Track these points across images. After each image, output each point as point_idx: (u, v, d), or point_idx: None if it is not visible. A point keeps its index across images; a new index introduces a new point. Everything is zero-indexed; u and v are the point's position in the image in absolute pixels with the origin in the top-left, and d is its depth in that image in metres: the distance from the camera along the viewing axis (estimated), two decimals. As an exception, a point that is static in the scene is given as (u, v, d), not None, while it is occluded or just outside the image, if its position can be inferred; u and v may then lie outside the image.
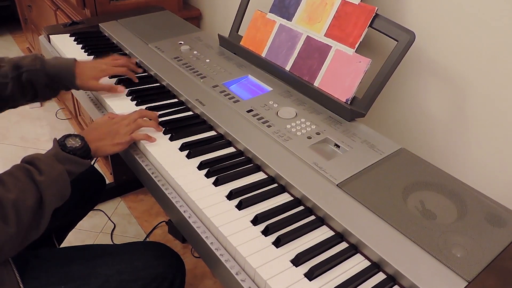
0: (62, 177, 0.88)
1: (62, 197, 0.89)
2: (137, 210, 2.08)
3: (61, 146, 0.92)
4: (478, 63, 1.12)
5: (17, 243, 0.80)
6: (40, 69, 1.16)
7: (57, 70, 1.19)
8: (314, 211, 0.91)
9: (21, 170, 0.84)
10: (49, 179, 0.84)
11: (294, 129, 1.10)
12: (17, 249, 0.82)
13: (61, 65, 1.21)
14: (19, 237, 0.80)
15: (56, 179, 0.86)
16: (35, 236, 0.83)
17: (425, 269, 0.75)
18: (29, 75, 1.15)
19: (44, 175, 0.84)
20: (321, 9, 1.25)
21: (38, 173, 0.84)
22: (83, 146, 0.94)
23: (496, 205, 0.89)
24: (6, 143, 2.51)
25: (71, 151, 0.92)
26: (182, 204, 0.93)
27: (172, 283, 1.01)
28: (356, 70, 1.14)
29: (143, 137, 1.07)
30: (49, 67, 1.18)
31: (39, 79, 1.16)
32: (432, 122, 1.28)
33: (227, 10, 2.00)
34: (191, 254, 1.85)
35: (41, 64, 1.16)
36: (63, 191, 0.89)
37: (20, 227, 0.79)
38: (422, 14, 1.21)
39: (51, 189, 0.84)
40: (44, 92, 1.20)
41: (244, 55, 1.45)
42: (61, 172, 0.87)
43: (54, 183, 0.85)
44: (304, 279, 0.76)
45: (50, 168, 0.86)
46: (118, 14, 1.83)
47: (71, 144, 0.93)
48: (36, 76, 1.16)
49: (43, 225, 0.84)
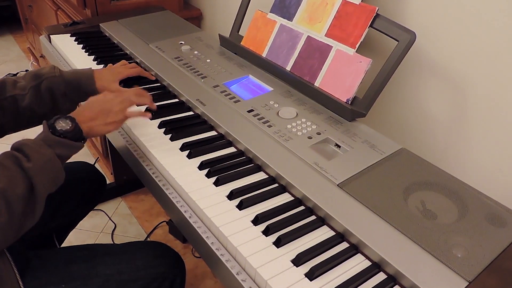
0: (52, 162, 0.85)
1: (55, 182, 0.87)
2: (137, 210, 2.08)
3: (51, 129, 0.89)
4: (478, 63, 1.12)
5: (12, 232, 0.79)
6: (59, 76, 1.14)
7: (77, 77, 1.18)
8: (314, 211, 0.91)
9: (8, 158, 0.82)
10: (37, 165, 0.82)
11: (294, 129, 1.10)
12: (13, 238, 0.80)
13: (80, 72, 1.20)
14: (13, 226, 0.78)
15: (45, 164, 0.83)
16: (31, 224, 0.82)
17: (426, 269, 0.75)
18: (49, 82, 1.12)
19: (33, 161, 0.82)
20: (322, 9, 1.25)
21: (26, 160, 0.82)
22: (74, 128, 0.91)
23: (497, 205, 0.89)
24: (7, 143, 2.50)
25: (62, 134, 0.89)
26: (183, 204, 0.93)
27: (172, 283, 1.01)
28: (357, 70, 1.14)
29: (138, 114, 1.05)
30: (67, 74, 1.17)
31: (58, 87, 1.13)
32: (433, 122, 1.28)
33: (228, 10, 2.00)
34: (192, 254, 1.85)
35: (60, 72, 1.15)
36: (55, 176, 0.86)
37: (12, 216, 0.77)
38: (422, 14, 1.21)
39: (41, 175, 0.82)
40: (63, 102, 1.15)
41: (245, 55, 1.45)
42: (50, 157, 0.85)
43: (44, 168, 0.83)
44: (304, 279, 0.76)
45: (38, 153, 0.83)
46: (119, 14, 1.83)
47: (61, 126, 0.90)
48: (56, 83, 1.13)
49: (38, 211, 0.82)
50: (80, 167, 1.37)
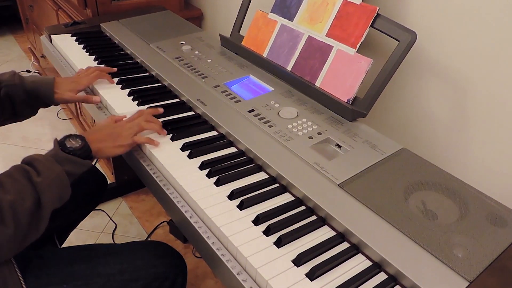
0: (61, 178, 0.87)
1: (61, 198, 0.89)
2: (138, 210, 2.08)
3: (61, 146, 0.92)
4: (479, 63, 1.12)
5: (16, 244, 0.80)
6: (18, 84, 1.15)
7: (36, 86, 1.19)
8: (315, 211, 0.91)
9: (19, 171, 0.84)
10: (47, 180, 0.84)
11: (295, 129, 1.10)
12: (16, 250, 0.82)
13: (40, 81, 1.20)
14: (18, 238, 0.80)
15: (54, 180, 0.85)
16: (34, 237, 0.83)
17: (427, 269, 0.75)
18: (8, 90, 1.14)
19: (42, 176, 0.84)
20: (323, 9, 1.25)
21: (36, 174, 0.83)
22: (83, 146, 0.94)
23: (498, 205, 0.89)
24: (7, 143, 2.51)
25: (71, 152, 0.92)
26: (184, 204, 0.94)
27: (173, 283, 1.01)
28: (358, 70, 1.14)
29: (146, 140, 1.06)
30: (27, 82, 1.18)
31: (17, 94, 1.15)
32: (434, 122, 1.28)
33: (229, 10, 2.00)
34: (193, 254, 1.85)
35: (20, 80, 1.16)
36: (62, 192, 0.88)
37: (18, 228, 0.79)
38: (423, 14, 1.21)
39: (49, 191, 0.84)
40: (22, 109, 1.18)
41: (246, 55, 1.45)
42: (59, 173, 0.87)
43: (52, 184, 0.85)
44: (305, 279, 0.76)
45: (48, 169, 0.85)
46: (120, 14, 1.83)
47: (71, 144, 0.93)
48: (15, 91, 1.15)
49: (42, 226, 0.84)
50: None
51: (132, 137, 1.05)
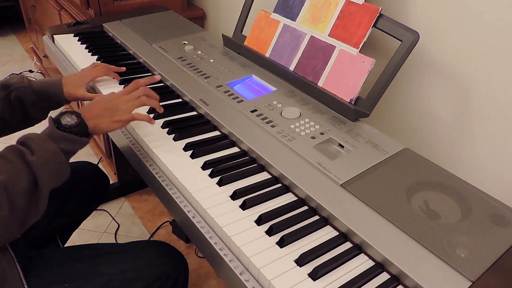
0: (56, 157, 0.85)
1: (60, 177, 0.87)
2: (141, 210, 2.08)
3: (56, 124, 0.89)
4: (482, 63, 1.12)
5: (16, 226, 0.79)
6: (27, 86, 1.14)
7: (44, 86, 1.18)
8: (318, 211, 0.91)
9: (13, 152, 0.82)
10: (41, 159, 0.82)
11: (298, 129, 1.10)
12: (16, 231, 0.80)
13: (48, 82, 1.20)
14: (16, 220, 0.78)
15: (49, 158, 0.83)
16: (35, 218, 0.82)
17: (429, 269, 0.75)
18: (18, 92, 1.13)
19: (36, 155, 0.81)
20: (325, 9, 1.25)
21: (30, 154, 0.81)
22: (79, 123, 0.91)
23: (500, 205, 0.89)
24: (11, 143, 2.51)
25: (67, 129, 0.89)
26: (186, 204, 0.94)
27: (175, 283, 1.01)
28: (360, 70, 1.14)
29: (145, 117, 1.05)
30: (36, 84, 1.17)
31: (27, 96, 1.14)
32: (436, 122, 1.28)
33: (231, 10, 2.00)
34: (195, 254, 1.85)
35: (29, 82, 1.16)
36: (59, 170, 0.86)
37: (15, 210, 0.77)
38: (426, 14, 1.21)
39: (44, 169, 0.82)
40: (33, 111, 1.17)
41: (248, 55, 1.45)
42: (54, 151, 0.84)
43: (48, 163, 0.83)
44: (308, 279, 0.76)
45: (42, 147, 0.83)
46: (122, 14, 1.83)
47: (67, 121, 0.90)
48: (25, 93, 1.14)
49: (41, 206, 0.82)
50: (83, 167, 1.37)
51: (130, 112, 1.03)
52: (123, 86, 1.32)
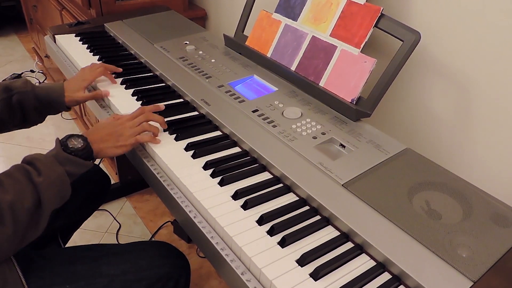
0: (62, 179, 0.87)
1: (62, 198, 0.89)
2: (142, 210, 2.08)
3: (62, 147, 0.92)
4: (483, 63, 1.12)
5: (15, 243, 0.81)
6: (30, 92, 1.16)
7: (47, 92, 1.20)
8: (319, 211, 0.91)
9: (20, 171, 0.84)
10: (48, 180, 0.84)
11: (299, 129, 1.10)
12: (15, 248, 0.82)
13: (51, 88, 1.22)
14: (17, 237, 0.80)
15: (55, 180, 0.86)
16: (34, 236, 0.84)
17: (431, 269, 0.75)
18: (20, 97, 1.15)
19: (43, 176, 0.84)
20: (327, 9, 1.25)
21: (37, 174, 0.83)
22: (85, 147, 0.94)
23: (502, 205, 0.89)
24: (12, 143, 2.52)
25: (73, 152, 0.92)
26: (188, 204, 0.94)
27: (177, 283, 1.01)
28: (362, 70, 1.14)
29: (148, 139, 1.06)
30: (39, 89, 1.19)
31: (29, 101, 1.16)
32: (438, 122, 1.28)
33: (233, 10, 2.00)
34: (197, 254, 1.85)
35: (32, 87, 1.17)
36: (62, 192, 0.88)
37: (18, 228, 0.79)
38: (427, 14, 1.21)
39: (49, 191, 0.84)
40: (32, 116, 1.19)
41: (250, 55, 1.45)
42: (60, 173, 0.87)
43: (53, 184, 0.85)
44: (309, 279, 0.76)
45: (49, 169, 0.86)
46: (124, 14, 1.83)
47: (73, 144, 0.93)
48: (27, 98, 1.16)
49: (42, 225, 0.84)
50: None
51: (134, 136, 1.05)
52: (125, 86, 1.32)
